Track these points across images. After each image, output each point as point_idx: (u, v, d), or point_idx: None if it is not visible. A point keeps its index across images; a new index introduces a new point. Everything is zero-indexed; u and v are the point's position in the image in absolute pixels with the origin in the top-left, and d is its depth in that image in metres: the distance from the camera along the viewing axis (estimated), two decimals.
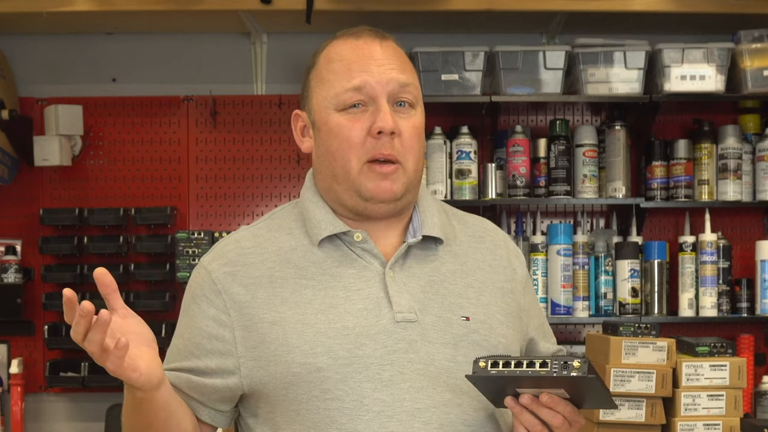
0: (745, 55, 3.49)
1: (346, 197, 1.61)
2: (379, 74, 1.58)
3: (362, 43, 1.61)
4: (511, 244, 1.76)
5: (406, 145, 1.59)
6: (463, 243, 1.69)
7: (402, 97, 1.60)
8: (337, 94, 1.59)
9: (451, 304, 1.60)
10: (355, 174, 1.58)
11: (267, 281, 1.58)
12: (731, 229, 3.84)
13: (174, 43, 3.94)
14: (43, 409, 3.87)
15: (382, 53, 1.60)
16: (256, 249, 1.62)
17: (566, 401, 1.47)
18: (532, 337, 1.73)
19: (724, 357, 2.86)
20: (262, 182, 3.91)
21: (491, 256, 1.70)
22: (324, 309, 1.55)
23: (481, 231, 1.73)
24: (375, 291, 1.57)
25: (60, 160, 3.72)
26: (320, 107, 1.62)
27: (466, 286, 1.63)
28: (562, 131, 3.69)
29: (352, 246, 1.61)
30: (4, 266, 3.76)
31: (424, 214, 1.66)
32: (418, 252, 1.63)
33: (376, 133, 1.56)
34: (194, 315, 1.62)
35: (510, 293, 1.68)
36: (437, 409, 1.53)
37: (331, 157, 1.60)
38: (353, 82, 1.58)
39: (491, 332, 1.60)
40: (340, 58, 1.60)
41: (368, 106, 1.58)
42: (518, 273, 1.72)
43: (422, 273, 1.61)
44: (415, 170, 1.61)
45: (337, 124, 1.59)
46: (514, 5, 3.51)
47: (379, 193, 1.58)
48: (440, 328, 1.56)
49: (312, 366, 1.52)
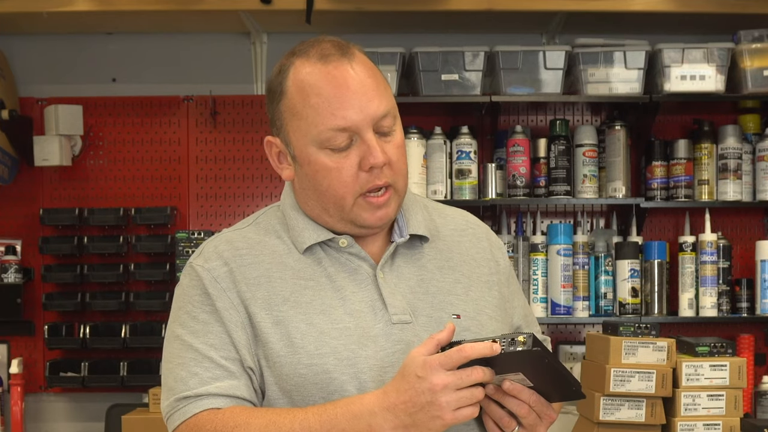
0: (745, 55, 3.49)
1: (337, 225, 1.60)
2: (361, 109, 1.53)
3: (333, 69, 1.54)
4: (492, 235, 1.77)
5: (396, 168, 1.58)
6: (447, 237, 1.69)
7: (384, 125, 1.56)
8: (320, 133, 1.54)
9: (441, 302, 1.61)
10: (350, 207, 1.57)
11: (266, 281, 1.58)
12: (731, 229, 3.84)
13: (174, 43, 3.94)
14: (43, 409, 3.87)
15: (357, 79, 1.54)
16: (250, 251, 1.61)
17: (531, 390, 1.47)
18: (519, 325, 1.74)
19: (724, 357, 2.86)
20: (262, 182, 3.91)
21: (474, 249, 1.70)
22: (324, 310, 1.56)
23: (463, 224, 1.74)
24: (369, 293, 1.58)
25: (60, 160, 3.73)
26: (299, 143, 1.58)
27: (454, 282, 1.64)
28: (562, 131, 3.69)
29: (339, 251, 1.61)
30: (4, 266, 3.76)
31: (408, 212, 1.66)
32: (405, 251, 1.64)
33: (368, 168, 1.55)
34: (200, 317, 1.56)
35: (495, 285, 1.69)
36: None
37: (323, 194, 1.58)
38: (338, 122, 1.53)
39: (482, 329, 1.61)
40: (316, 93, 1.54)
41: (353, 142, 1.55)
42: (501, 264, 1.73)
43: (410, 273, 1.62)
44: (404, 186, 1.61)
45: (325, 165, 1.56)
46: (514, 5, 3.51)
47: (376, 222, 1.58)
48: (433, 328, 1.57)
49: (319, 368, 1.52)
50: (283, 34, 3.93)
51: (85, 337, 3.74)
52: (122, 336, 3.73)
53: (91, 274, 3.80)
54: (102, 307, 3.78)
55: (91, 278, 3.79)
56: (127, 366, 3.71)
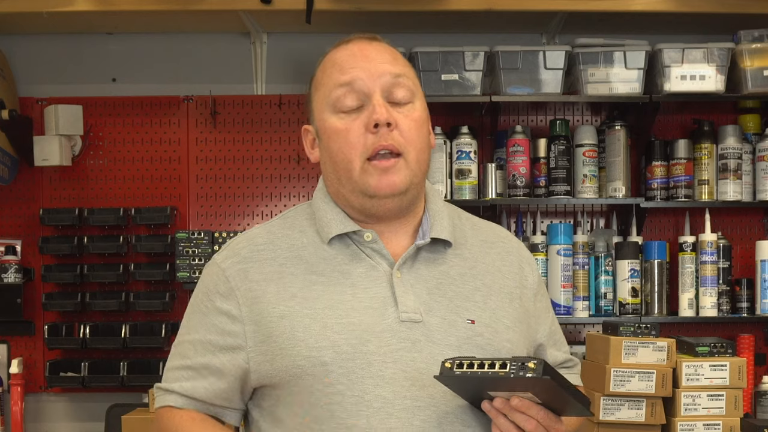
0: (745, 55, 3.49)
1: (352, 198, 1.62)
2: (370, 68, 1.60)
3: (353, 45, 1.65)
4: (524, 251, 1.77)
5: (406, 136, 1.60)
6: (473, 247, 1.70)
7: (396, 91, 1.61)
8: (331, 92, 1.61)
9: (457, 306, 1.61)
10: (358, 173, 1.59)
11: (277, 276, 1.60)
12: (731, 229, 3.85)
13: (174, 43, 3.94)
14: (43, 409, 3.87)
15: (372, 49, 1.63)
16: (269, 246, 1.64)
17: (540, 406, 1.48)
18: (541, 343, 1.74)
19: (724, 357, 2.86)
20: (262, 182, 3.91)
21: (501, 261, 1.71)
22: (331, 305, 1.57)
23: (493, 237, 1.74)
24: (382, 290, 1.59)
25: (60, 160, 3.72)
26: (319, 113, 1.65)
27: (474, 289, 1.64)
28: (562, 131, 3.69)
29: (362, 245, 1.63)
30: (4, 266, 3.76)
31: (434, 217, 1.67)
32: (427, 254, 1.65)
33: (372, 127, 1.58)
34: (208, 312, 1.63)
35: (518, 299, 1.68)
36: (437, 408, 1.54)
37: (334, 160, 1.62)
38: (343, 77, 1.60)
39: (496, 336, 1.61)
40: (333, 63, 1.64)
41: (363, 104, 1.60)
42: (529, 279, 1.73)
43: (430, 275, 1.63)
44: (417, 162, 1.61)
45: (335, 127, 1.61)
46: (514, 5, 3.51)
47: (383, 188, 1.59)
48: (444, 330, 1.57)
49: (316, 360, 1.53)
50: (283, 34, 3.93)
51: (85, 337, 3.74)
52: (122, 336, 3.73)
53: (91, 274, 3.80)
54: (102, 307, 3.78)
55: (91, 278, 3.80)
56: (127, 366, 3.71)
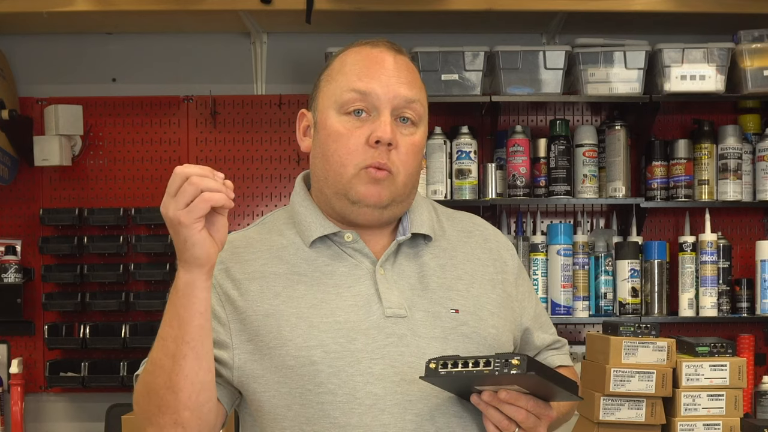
0: (745, 55, 3.49)
1: (334, 200, 1.63)
2: (387, 86, 1.60)
3: (377, 51, 1.63)
4: (501, 237, 1.78)
5: (402, 158, 1.60)
6: (452, 238, 1.71)
7: (406, 113, 1.61)
8: (343, 93, 1.60)
9: (440, 297, 1.62)
10: (348, 178, 1.59)
11: (259, 275, 1.61)
12: (731, 229, 3.84)
13: (174, 43, 3.94)
14: (43, 409, 3.87)
15: (394, 65, 1.62)
16: (248, 248, 1.65)
17: (528, 396, 1.49)
18: (527, 326, 1.74)
19: (724, 357, 2.86)
20: (262, 182, 3.91)
21: (480, 249, 1.72)
22: (316, 304, 1.58)
23: (470, 226, 1.76)
24: (365, 288, 1.60)
25: (60, 160, 3.72)
26: (324, 106, 1.64)
27: (455, 278, 1.65)
28: (562, 131, 3.69)
29: (343, 246, 1.64)
30: (4, 266, 3.76)
31: (413, 213, 1.68)
32: (408, 250, 1.66)
33: (374, 143, 1.58)
34: None
35: (500, 284, 1.70)
36: (428, 401, 1.54)
37: (328, 159, 1.62)
38: (358, 84, 1.60)
39: (481, 323, 1.62)
40: (352, 62, 1.63)
41: (370, 115, 1.60)
42: (509, 264, 1.74)
43: (411, 270, 1.64)
44: (404, 184, 1.62)
45: (336, 130, 1.61)
46: (514, 5, 3.51)
47: (367, 197, 1.59)
48: (430, 323, 1.58)
49: (306, 359, 1.54)
50: (283, 34, 3.93)
51: (85, 337, 3.74)
52: (122, 336, 3.73)
53: (91, 274, 3.80)
54: (102, 307, 3.78)
55: (91, 278, 3.79)
56: (127, 366, 3.71)
